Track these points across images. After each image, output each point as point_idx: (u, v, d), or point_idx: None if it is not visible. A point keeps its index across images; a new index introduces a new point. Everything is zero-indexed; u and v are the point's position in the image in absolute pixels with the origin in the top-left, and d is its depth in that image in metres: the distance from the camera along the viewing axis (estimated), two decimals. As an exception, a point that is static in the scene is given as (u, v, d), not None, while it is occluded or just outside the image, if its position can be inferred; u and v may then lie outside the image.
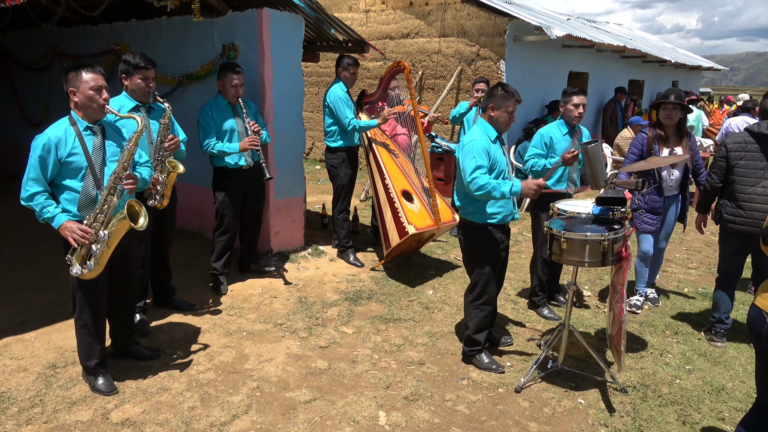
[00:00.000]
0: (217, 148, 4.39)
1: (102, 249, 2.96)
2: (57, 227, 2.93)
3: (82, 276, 2.99)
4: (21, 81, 8.23)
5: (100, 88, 2.97)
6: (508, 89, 3.39)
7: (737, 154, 3.86)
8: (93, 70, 2.97)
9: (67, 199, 2.99)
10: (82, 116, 3.01)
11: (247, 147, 4.37)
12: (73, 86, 2.95)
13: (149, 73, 3.67)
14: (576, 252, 3.18)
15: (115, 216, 3.03)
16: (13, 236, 5.79)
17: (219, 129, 4.43)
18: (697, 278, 5.46)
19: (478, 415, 3.15)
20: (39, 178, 2.91)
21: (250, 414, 3.08)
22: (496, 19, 8.25)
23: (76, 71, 2.95)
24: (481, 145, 3.31)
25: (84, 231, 2.91)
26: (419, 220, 4.93)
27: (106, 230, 2.97)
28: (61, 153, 2.92)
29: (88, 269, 2.97)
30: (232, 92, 4.39)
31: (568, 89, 4.30)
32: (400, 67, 5.01)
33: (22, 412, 3.01)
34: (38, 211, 2.92)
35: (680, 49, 18.68)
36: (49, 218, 2.93)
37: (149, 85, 3.69)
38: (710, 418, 3.16)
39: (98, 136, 3.05)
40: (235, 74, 4.36)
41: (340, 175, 5.38)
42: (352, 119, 5.16)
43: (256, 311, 4.38)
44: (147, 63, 3.65)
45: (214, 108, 4.44)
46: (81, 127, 3.00)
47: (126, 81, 3.68)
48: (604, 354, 3.86)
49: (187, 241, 5.83)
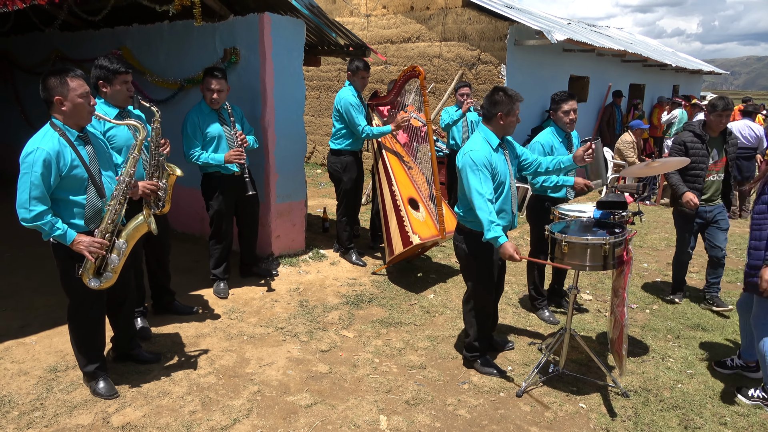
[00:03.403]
0: (202, 160, 4.30)
1: (121, 258, 2.99)
2: (69, 243, 2.84)
3: (100, 287, 2.98)
4: (23, 85, 8.25)
5: (87, 95, 2.86)
6: (509, 92, 3.32)
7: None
8: (77, 76, 2.83)
9: (72, 213, 2.90)
10: (72, 125, 2.88)
11: (233, 160, 4.29)
12: (59, 94, 2.79)
13: (129, 77, 3.53)
14: (577, 256, 3.18)
15: (127, 224, 3.05)
16: (13, 240, 5.79)
17: (205, 137, 4.35)
18: (699, 282, 5.45)
19: (479, 419, 3.15)
20: (43, 196, 2.78)
21: (251, 418, 3.07)
22: (497, 24, 8.27)
23: (59, 78, 2.79)
24: (483, 156, 3.25)
25: (99, 243, 2.88)
26: (424, 229, 4.90)
27: (121, 239, 2.98)
28: (62, 167, 2.81)
29: (106, 279, 2.98)
30: (208, 96, 4.28)
31: (556, 95, 4.18)
32: (415, 72, 4.89)
33: (23, 416, 3.01)
34: (47, 230, 2.80)
35: (681, 53, 18.70)
36: (60, 236, 2.82)
37: (130, 90, 3.55)
38: (712, 422, 3.15)
39: (90, 144, 2.97)
40: (213, 78, 4.24)
41: (344, 179, 5.36)
42: (365, 127, 5.11)
43: (256, 315, 4.38)
44: (127, 67, 3.52)
45: (199, 115, 4.34)
46: (72, 137, 2.87)
47: (105, 87, 3.49)
48: (606, 358, 3.85)
49: (187, 245, 5.83)
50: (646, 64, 12.58)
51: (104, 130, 3.45)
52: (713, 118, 4.46)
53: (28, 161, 2.77)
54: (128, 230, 3.07)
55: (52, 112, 2.88)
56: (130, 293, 3.41)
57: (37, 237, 3.05)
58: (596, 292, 5.10)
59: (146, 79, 5.90)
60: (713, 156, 4.54)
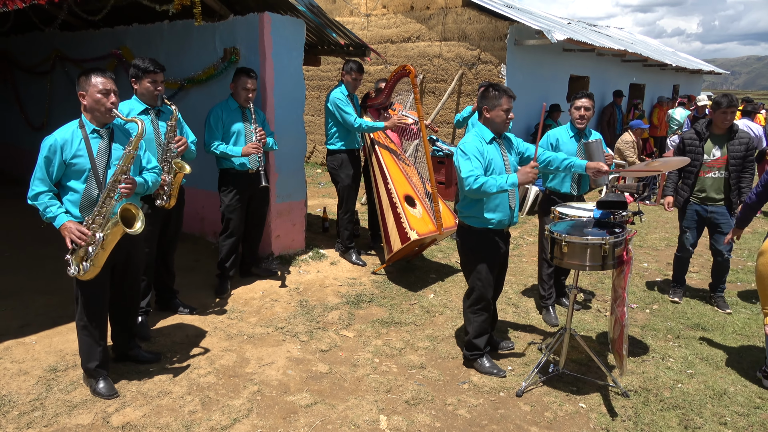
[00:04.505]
0: (220, 150, 4.42)
1: (97, 251, 2.99)
2: (58, 227, 2.98)
3: (78, 276, 3.02)
4: (23, 85, 8.25)
5: (108, 92, 3.02)
6: (499, 87, 3.40)
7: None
8: (103, 75, 3.03)
9: (70, 200, 3.03)
10: (91, 119, 3.07)
11: (251, 152, 4.40)
12: (82, 89, 3.01)
13: (158, 77, 3.75)
14: (577, 255, 3.18)
15: (111, 220, 3.04)
16: (14, 239, 5.80)
17: (226, 131, 4.48)
18: (699, 282, 5.45)
19: (479, 419, 3.15)
20: (44, 178, 2.97)
21: (250, 418, 3.07)
22: (497, 23, 8.27)
23: (86, 75, 3.02)
24: (473, 146, 3.33)
25: (81, 232, 2.94)
26: (421, 225, 4.93)
27: (102, 233, 2.99)
28: (66, 155, 2.97)
29: (84, 270, 3.00)
30: (244, 95, 4.43)
31: (576, 93, 4.35)
32: (405, 71, 4.98)
33: (23, 416, 3.01)
34: (41, 210, 2.98)
35: (681, 53, 18.70)
36: (51, 218, 2.98)
37: (158, 89, 3.76)
38: (712, 422, 3.15)
39: (104, 139, 3.09)
40: (249, 78, 4.42)
41: (342, 177, 5.40)
42: (357, 118, 5.18)
43: (257, 315, 4.38)
44: (156, 67, 3.73)
45: (224, 109, 4.50)
46: (88, 129, 3.05)
47: (135, 85, 3.75)
48: (606, 358, 3.85)
49: (188, 244, 5.83)
50: (646, 63, 12.58)
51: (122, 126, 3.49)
52: (717, 116, 4.48)
53: (42, 146, 2.99)
54: (108, 226, 3.01)
55: (81, 107, 3.09)
56: (133, 294, 3.43)
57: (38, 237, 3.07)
58: (596, 292, 5.10)
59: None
60: (713, 153, 4.54)
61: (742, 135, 4.50)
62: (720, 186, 4.57)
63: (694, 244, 4.78)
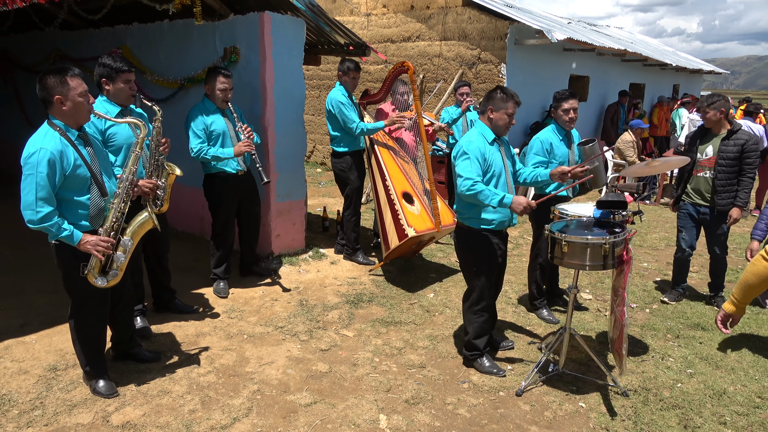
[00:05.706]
0: (211, 153, 4.30)
1: (127, 256, 3.01)
2: (76, 243, 2.84)
3: (106, 286, 3.00)
4: (23, 84, 8.25)
5: (86, 93, 2.86)
6: (507, 92, 3.41)
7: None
8: (76, 75, 2.83)
9: (76, 213, 2.90)
10: (70, 124, 2.87)
11: (243, 150, 4.30)
12: (59, 94, 2.78)
13: (131, 76, 3.56)
14: (577, 255, 3.18)
15: (132, 221, 3.07)
16: (13, 239, 5.79)
17: (210, 134, 4.36)
18: (698, 282, 5.45)
19: (479, 418, 3.15)
20: (49, 196, 2.76)
21: (250, 417, 3.08)
22: (497, 23, 8.26)
23: (58, 77, 2.78)
24: (476, 147, 3.32)
25: (106, 241, 2.89)
26: (419, 222, 4.93)
27: (125, 237, 2.99)
28: (65, 166, 2.80)
29: (112, 277, 2.99)
30: (220, 96, 4.31)
31: (558, 93, 4.21)
32: (404, 67, 4.98)
33: (23, 415, 3.01)
34: (54, 231, 2.78)
35: (681, 52, 18.69)
36: (67, 237, 2.81)
37: (132, 88, 3.58)
38: (712, 422, 3.15)
39: (89, 145, 2.97)
40: (223, 77, 4.28)
41: (351, 179, 5.36)
42: (359, 123, 5.13)
43: (256, 314, 4.38)
44: (129, 66, 3.54)
45: (203, 112, 4.36)
46: (73, 136, 2.87)
47: (107, 86, 3.51)
48: (606, 357, 3.85)
49: (188, 243, 5.84)
50: (647, 63, 12.57)
51: (104, 128, 3.46)
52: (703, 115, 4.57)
53: (32, 162, 2.73)
54: (133, 227, 3.09)
55: (50, 111, 2.86)
56: (127, 291, 3.41)
57: (38, 236, 3.06)
58: (596, 292, 5.10)
59: (146, 78, 5.89)
60: (706, 153, 4.56)
61: (739, 136, 4.41)
62: (708, 187, 4.56)
63: (692, 245, 4.75)
